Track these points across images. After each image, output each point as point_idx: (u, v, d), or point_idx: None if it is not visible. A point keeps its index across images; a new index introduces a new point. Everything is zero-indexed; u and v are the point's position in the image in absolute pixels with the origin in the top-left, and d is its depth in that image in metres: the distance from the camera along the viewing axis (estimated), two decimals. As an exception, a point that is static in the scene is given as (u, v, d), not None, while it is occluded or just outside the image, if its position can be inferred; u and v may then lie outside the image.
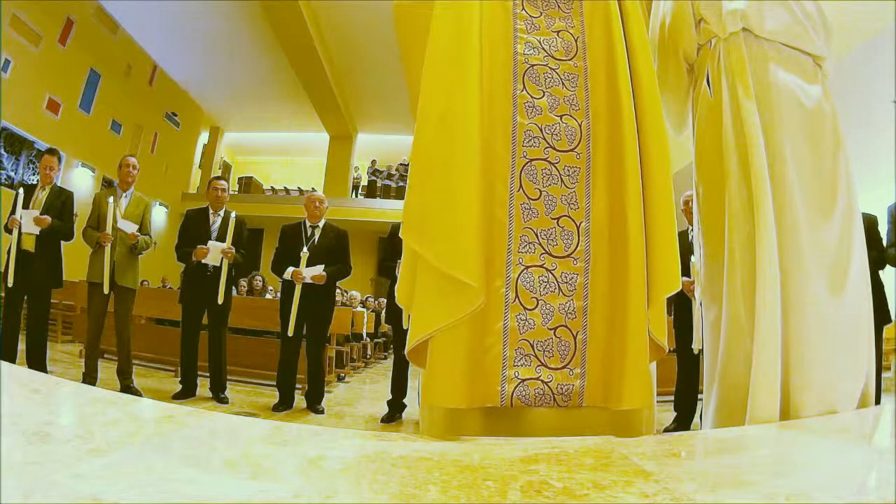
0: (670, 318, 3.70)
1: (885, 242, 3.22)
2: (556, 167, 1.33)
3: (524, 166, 1.32)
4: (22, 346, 3.59)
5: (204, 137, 14.57)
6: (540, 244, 1.30)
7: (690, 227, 3.39)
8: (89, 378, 3.48)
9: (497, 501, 0.70)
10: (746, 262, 1.48)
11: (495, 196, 1.30)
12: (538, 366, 1.25)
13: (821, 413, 1.39)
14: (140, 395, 3.38)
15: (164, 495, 0.63)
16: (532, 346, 1.26)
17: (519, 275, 1.28)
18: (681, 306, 3.42)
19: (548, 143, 1.33)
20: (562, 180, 1.32)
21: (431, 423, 1.26)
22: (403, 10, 1.49)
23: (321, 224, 3.83)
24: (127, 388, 3.50)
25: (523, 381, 1.24)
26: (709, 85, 1.67)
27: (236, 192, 13.49)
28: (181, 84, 12.49)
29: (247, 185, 14.43)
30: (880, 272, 3.16)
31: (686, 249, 3.36)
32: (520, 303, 1.27)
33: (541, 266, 1.29)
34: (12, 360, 3.39)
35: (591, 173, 1.33)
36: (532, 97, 1.35)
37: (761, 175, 1.47)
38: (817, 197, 1.52)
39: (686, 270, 3.31)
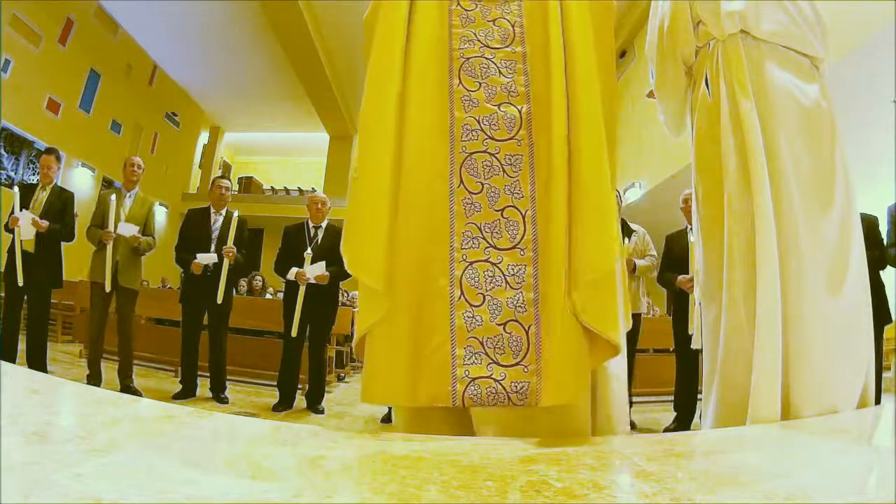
0: (670, 317, 3.71)
1: (885, 243, 3.22)
2: (496, 157, 1.30)
3: (464, 161, 1.30)
4: (22, 346, 3.59)
5: (204, 137, 14.58)
6: (484, 238, 1.27)
7: (690, 227, 3.39)
8: (94, 380, 3.48)
9: (497, 501, 0.70)
10: (746, 262, 1.49)
11: (434, 195, 1.29)
12: (489, 363, 1.21)
13: (821, 413, 1.39)
14: (140, 395, 3.38)
15: (164, 495, 0.63)
16: (482, 344, 1.22)
17: (463, 271, 1.26)
18: (680, 305, 3.43)
19: (486, 135, 1.31)
20: (504, 170, 1.30)
21: (397, 420, 1.32)
22: (365, 26, 1.52)
23: (324, 225, 3.84)
24: (127, 388, 3.51)
25: (474, 379, 1.20)
26: (707, 87, 1.67)
27: (236, 192, 13.50)
28: (181, 84, 12.49)
29: (247, 185, 14.44)
30: (880, 272, 3.16)
31: (685, 248, 3.37)
32: (465, 300, 1.24)
33: (485, 260, 1.26)
34: (12, 360, 3.39)
35: (535, 159, 1.30)
36: (468, 90, 1.34)
37: (760, 175, 1.47)
38: (815, 196, 1.52)
39: (686, 269, 3.31)
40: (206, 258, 3.65)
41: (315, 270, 3.61)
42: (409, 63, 1.34)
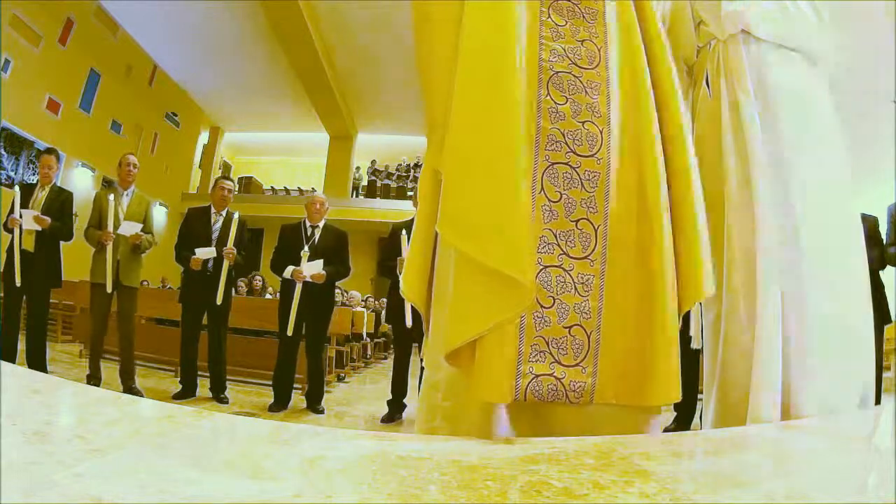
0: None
1: (885, 243, 3.22)
2: (576, 171, 1.34)
3: (546, 169, 1.33)
4: (22, 346, 3.59)
5: (204, 137, 14.57)
6: (558, 245, 1.31)
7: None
8: (94, 379, 3.48)
9: (497, 501, 0.70)
10: (746, 262, 1.49)
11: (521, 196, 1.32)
12: (552, 362, 1.27)
13: (821, 413, 1.39)
14: (142, 396, 3.38)
15: (164, 495, 0.63)
16: (547, 343, 1.27)
17: (537, 274, 1.29)
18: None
19: (569, 148, 1.35)
20: (582, 184, 1.34)
21: (456, 423, 1.27)
22: (421, 4, 1.47)
23: (321, 224, 3.85)
24: (130, 388, 3.51)
25: (537, 376, 1.26)
26: (708, 86, 1.67)
27: (236, 192, 13.47)
28: (181, 84, 12.49)
29: (247, 185, 14.45)
30: (880, 272, 3.16)
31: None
32: (537, 300, 1.28)
33: (558, 266, 1.31)
34: (12, 360, 3.39)
35: (611, 179, 1.36)
36: (556, 103, 1.36)
37: (761, 175, 1.48)
38: (816, 196, 1.52)
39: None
40: (204, 252, 3.66)
41: (313, 268, 3.61)
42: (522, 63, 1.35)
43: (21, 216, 3.44)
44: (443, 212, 1.24)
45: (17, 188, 3.61)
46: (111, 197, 3.57)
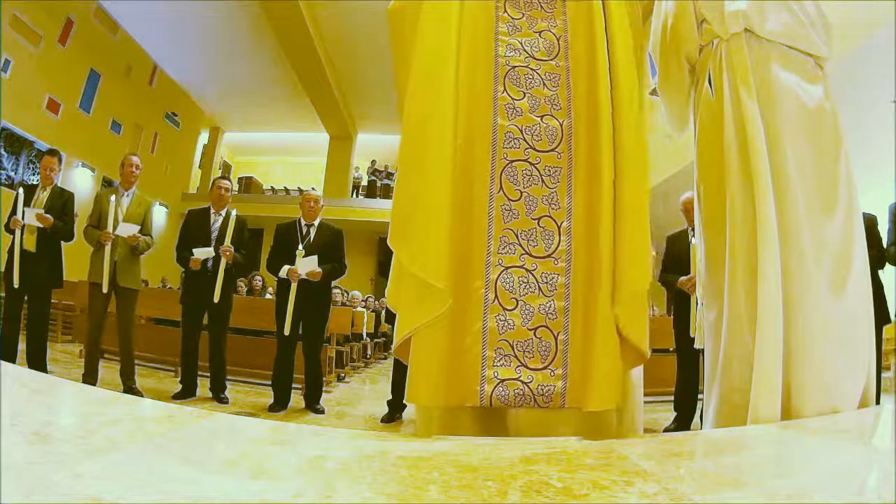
0: (671, 317, 3.70)
1: (885, 242, 3.22)
2: (536, 168, 1.33)
3: (504, 168, 1.32)
4: (22, 346, 3.59)
5: (204, 137, 14.57)
6: (520, 245, 1.30)
7: (691, 228, 3.39)
8: (89, 378, 3.48)
9: (497, 501, 0.70)
10: (748, 262, 1.48)
11: (474, 198, 1.30)
12: (518, 366, 1.25)
13: (821, 413, 1.39)
14: (141, 396, 3.38)
15: (164, 495, 0.63)
16: (512, 347, 1.26)
17: (498, 276, 1.28)
18: (681, 305, 3.42)
19: (528, 144, 1.33)
20: (543, 181, 1.32)
21: (427, 423, 1.28)
22: (394, 14, 1.49)
23: (316, 223, 3.84)
24: (130, 388, 3.51)
25: (502, 381, 1.24)
26: (710, 85, 1.67)
27: (236, 192, 13.48)
28: (181, 84, 12.49)
29: (247, 185, 14.43)
30: (880, 272, 3.16)
31: (685, 249, 3.38)
32: (499, 303, 1.27)
33: (521, 267, 1.29)
34: (12, 360, 3.39)
35: (573, 172, 1.33)
36: (513, 99, 1.35)
37: (762, 174, 1.47)
38: (818, 196, 1.52)
39: (686, 269, 3.31)
40: (202, 252, 3.66)
41: (307, 265, 3.60)
42: (458, 65, 1.33)
43: (24, 214, 3.44)
44: (390, 218, 1.28)
45: (20, 189, 3.61)
46: (112, 197, 3.57)
